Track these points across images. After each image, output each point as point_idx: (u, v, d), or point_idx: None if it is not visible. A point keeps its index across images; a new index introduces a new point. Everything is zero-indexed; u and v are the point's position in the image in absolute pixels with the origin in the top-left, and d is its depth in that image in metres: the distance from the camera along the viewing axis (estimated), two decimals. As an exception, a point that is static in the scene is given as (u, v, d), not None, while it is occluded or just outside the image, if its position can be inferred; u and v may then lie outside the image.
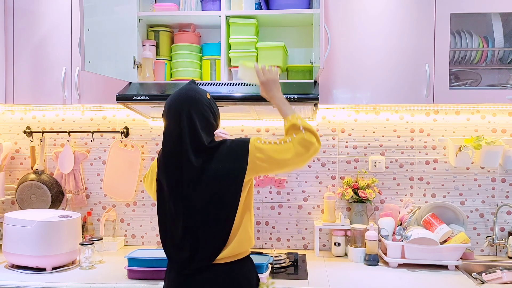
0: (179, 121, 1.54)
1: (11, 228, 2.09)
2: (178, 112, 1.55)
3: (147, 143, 2.60)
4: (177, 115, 1.55)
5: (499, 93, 2.14)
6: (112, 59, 2.09)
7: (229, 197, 1.53)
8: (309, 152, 1.57)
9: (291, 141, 1.57)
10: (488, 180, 2.44)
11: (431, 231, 2.19)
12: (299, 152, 1.56)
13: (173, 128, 1.56)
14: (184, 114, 1.54)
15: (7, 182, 2.66)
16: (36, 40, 2.33)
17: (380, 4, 2.16)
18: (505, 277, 1.99)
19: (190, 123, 1.54)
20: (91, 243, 2.15)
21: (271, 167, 1.57)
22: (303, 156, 1.56)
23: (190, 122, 1.54)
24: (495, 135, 2.43)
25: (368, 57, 2.17)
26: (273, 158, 1.55)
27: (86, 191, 2.63)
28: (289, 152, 1.55)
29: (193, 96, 1.58)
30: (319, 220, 2.50)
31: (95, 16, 1.96)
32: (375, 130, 2.50)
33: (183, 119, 1.54)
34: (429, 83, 2.13)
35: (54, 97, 2.32)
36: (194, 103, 1.56)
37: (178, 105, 1.57)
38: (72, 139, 2.63)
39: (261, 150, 1.55)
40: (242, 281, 1.58)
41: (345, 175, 2.51)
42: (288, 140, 1.57)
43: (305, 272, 2.08)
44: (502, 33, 2.19)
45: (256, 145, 1.56)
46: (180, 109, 1.55)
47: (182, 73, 2.32)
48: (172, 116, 1.57)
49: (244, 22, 2.23)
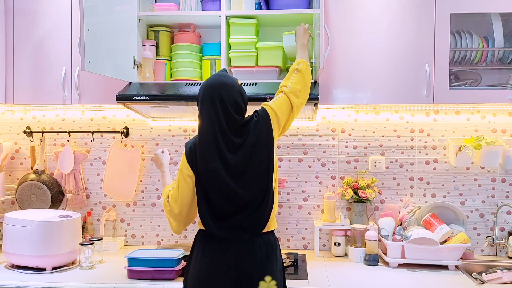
0: (215, 106, 1.64)
1: (11, 228, 2.09)
2: (213, 98, 1.65)
3: (147, 143, 2.60)
4: (212, 101, 1.64)
5: (499, 93, 2.14)
6: (112, 59, 2.09)
7: (267, 163, 1.67)
8: (303, 81, 1.88)
9: (287, 89, 1.83)
10: (488, 180, 2.44)
11: (431, 231, 2.19)
12: (294, 91, 1.83)
13: (210, 114, 1.65)
14: (217, 100, 1.64)
15: (7, 182, 2.66)
16: (36, 40, 2.33)
17: (380, 4, 2.17)
18: (505, 277, 1.99)
19: (224, 108, 1.64)
20: (91, 243, 2.15)
21: (288, 115, 1.81)
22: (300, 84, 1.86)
23: (224, 107, 1.64)
24: (495, 135, 2.43)
25: (368, 57, 2.17)
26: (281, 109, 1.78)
27: (86, 191, 2.63)
28: (285, 102, 1.80)
29: (226, 82, 1.68)
30: (319, 220, 2.50)
31: (95, 16, 1.96)
32: (375, 130, 2.50)
33: (218, 104, 1.64)
34: (429, 83, 2.13)
35: (54, 97, 2.32)
36: (227, 89, 1.67)
37: (212, 92, 1.66)
38: (72, 139, 2.63)
39: (276, 107, 1.77)
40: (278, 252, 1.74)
41: (345, 175, 2.51)
42: (285, 89, 1.83)
43: (305, 272, 2.08)
44: (502, 33, 2.19)
45: (272, 107, 1.76)
46: (214, 95, 1.65)
47: (182, 73, 2.32)
48: (208, 102, 1.66)
49: (244, 22, 2.23)
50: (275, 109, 1.75)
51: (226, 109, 1.64)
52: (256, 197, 1.65)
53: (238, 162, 1.63)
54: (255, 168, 1.65)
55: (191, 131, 2.58)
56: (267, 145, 1.68)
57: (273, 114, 1.74)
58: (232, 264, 1.62)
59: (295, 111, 1.84)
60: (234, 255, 1.63)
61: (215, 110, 1.64)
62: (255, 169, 1.65)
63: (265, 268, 1.64)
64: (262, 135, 1.68)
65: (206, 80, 1.71)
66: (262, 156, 1.66)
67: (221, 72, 1.74)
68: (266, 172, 1.67)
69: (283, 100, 1.80)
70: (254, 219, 1.65)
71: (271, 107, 1.75)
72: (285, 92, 1.82)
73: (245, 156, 1.64)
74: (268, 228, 1.70)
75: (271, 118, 1.72)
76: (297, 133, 2.53)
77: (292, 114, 1.82)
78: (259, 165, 1.66)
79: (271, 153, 1.68)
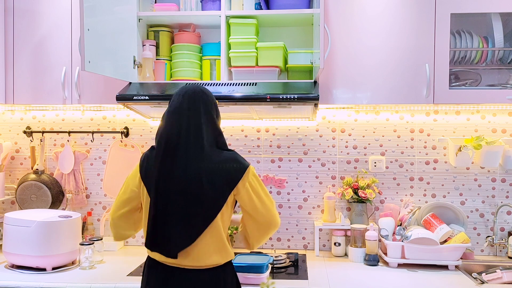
0: (185, 118, 1.55)
1: (11, 228, 2.09)
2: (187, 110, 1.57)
3: (147, 143, 2.60)
4: (183, 113, 1.56)
5: (499, 93, 2.14)
6: (112, 59, 2.09)
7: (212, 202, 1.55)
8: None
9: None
10: (488, 180, 2.44)
11: (431, 231, 2.19)
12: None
13: (174, 126, 1.56)
14: (191, 112, 1.56)
15: (7, 182, 2.66)
16: (36, 40, 2.33)
17: (380, 4, 2.17)
18: (505, 277, 1.99)
19: (195, 122, 1.55)
20: (91, 243, 2.15)
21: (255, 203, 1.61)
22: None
23: (195, 121, 1.56)
24: (495, 135, 2.43)
25: (368, 57, 2.17)
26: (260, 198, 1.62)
27: (86, 191, 2.63)
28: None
29: (201, 95, 1.60)
30: (319, 220, 2.50)
31: (95, 16, 1.96)
32: (375, 130, 2.50)
33: (189, 116, 1.56)
34: (429, 83, 2.13)
35: (54, 97, 2.32)
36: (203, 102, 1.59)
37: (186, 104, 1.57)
38: (72, 139, 2.63)
39: (254, 181, 1.61)
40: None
41: (345, 175, 2.51)
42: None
43: (305, 272, 2.08)
44: (502, 33, 2.19)
45: (252, 173, 1.61)
46: (187, 108, 1.57)
47: (182, 73, 2.32)
48: (177, 114, 1.57)
49: (244, 22, 2.23)
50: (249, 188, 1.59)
51: (195, 124, 1.55)
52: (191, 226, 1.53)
53: (177, 189, 1.53)
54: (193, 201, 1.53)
55: (191, 131, 2.58)
56: (222, 193, 1.55)
57: (248, 183, 1.58)
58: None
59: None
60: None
61: (183, 122, 1.55)
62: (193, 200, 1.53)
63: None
64: (225, 178, 1.55)
65: (177, 91, 1.63)
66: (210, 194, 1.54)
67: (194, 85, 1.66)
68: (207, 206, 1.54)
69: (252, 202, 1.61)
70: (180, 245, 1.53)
71: (251, 181, 1.59)
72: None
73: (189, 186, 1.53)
74: (211, 261, 1.55)
75: (245, 179, 1.58)
76: (297, 133, 2.53)
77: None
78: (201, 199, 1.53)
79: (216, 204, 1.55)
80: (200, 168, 1.53)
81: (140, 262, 2.24)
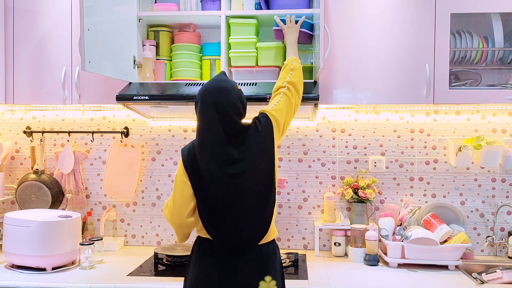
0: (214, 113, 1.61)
1: (11, 228, 2.09)
2: (212, 104, 1.61)
3: (147, 143, 2.60)
4: (212, 108, 1.61)
5: (499, 93, 2.14)
6: (112, 59, 2.09)
7: (269, 172, 1.65)
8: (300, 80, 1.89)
9: (286, 90, 1.82)
10: (488, 180, 2.44)
11: (431, 231, 2.19)
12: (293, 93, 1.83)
13: (210, 122, 1.61)
14: (217, 106, 1.61)
15: (7, 182, 2.66)
16: (36, 40, 2.33)
17: (380, 4, 2.17)
18: (505, 277, 1.99)
19: (223, 115, 1.61)
20: (91, 243, 2.15)
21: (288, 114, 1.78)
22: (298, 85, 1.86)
23: (224, 114, 1.61)
24: (495, 135, 2.43)
25: (368, 57, 2.17)
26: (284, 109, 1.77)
27: (86, 191, 2.63)
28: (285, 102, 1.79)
29: (225, 87, 1.64)
30: (319, 220, 2.50)
31: (95, 16, 1.96)
32: (375, 130, 2.50)
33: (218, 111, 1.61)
34: (429, 83, 2.13)
35: (54, 97, 2.32)
36: (227, 94, 1.63)
37: (212, 97, 1.62)
38: (72, 139, 2.63)
39: (276, 112, 1.74)
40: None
41: (345, 175, 2.51)
42: (284, 90, 1.82)
43: (305, 272, 2.08)
44: (502, 33, 2.19)
45: (272, 113, 1.73)
46: (214, 101, 1.61)
47: (182, 73, 2.32)
48: (208, 108, 1.62)
49: (244, 22, 2.23)
50: (276, 115, 1.72)
51: (225, 116, 1.60)
52: (257, 206, 1.63)
53: (238, 173, 1.60)
54: (255, 179, 1.62)
55: (191, 131, 2.58)
56: (269, 155, 1.65)
57: (275, 120, 1.71)
58: (229, 277, 1.59)
59: (295, 111, 1.82)
60: (232, 268, 1.60)
61: (214, 118, 1.60)
62: (255, 180, 1.62)
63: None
64: (263, 144, 1.65)
65: (205, 84, 1.67)
66: (264, 165, 1.63)
67: (220, 76, 1.69)
68: (267, 182, 1.64)
69: (283, 102, 1.77)
70: (254, 228, 1.63)
71: (272, 113, 1.72)
72: (285, 93, 1.80)
73: (246, 166, 1.61)
74: (268, 238, 1.67)
75: (273, 124, 1.70)
76: (297, 133, 2.53)
77: (292, 114, 1.81)
78: (260, 175, 1.63)
79: (272, 163, 1.65)
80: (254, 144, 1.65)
81: (140, 262, 2.24)
